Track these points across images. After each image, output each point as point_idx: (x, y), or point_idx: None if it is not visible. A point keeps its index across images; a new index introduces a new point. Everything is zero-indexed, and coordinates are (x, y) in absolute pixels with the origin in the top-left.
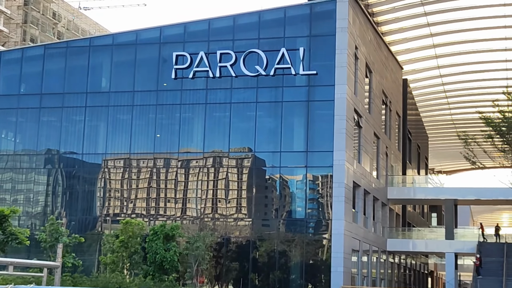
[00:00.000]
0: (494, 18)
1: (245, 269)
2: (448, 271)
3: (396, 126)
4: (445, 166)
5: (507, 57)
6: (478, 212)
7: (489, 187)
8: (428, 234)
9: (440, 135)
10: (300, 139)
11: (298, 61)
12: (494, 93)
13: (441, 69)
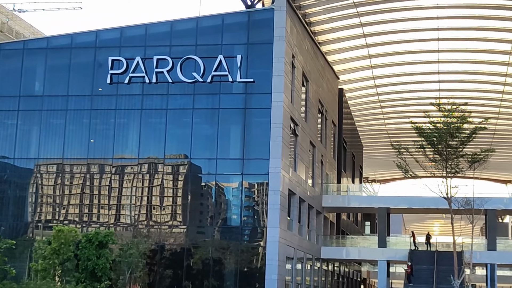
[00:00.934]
0: (427, 30)
1: (179, 276)
2: (380, 279)
3: (331, 135)
4: (379, 175)
5: (440, 69)
6: (410, 220)
7: (420, 196)
8: (361, 242)
9: (374, 145)
10: (236, 147)
11: (236, 68)
12: (426, 104)
13: (376, 80)
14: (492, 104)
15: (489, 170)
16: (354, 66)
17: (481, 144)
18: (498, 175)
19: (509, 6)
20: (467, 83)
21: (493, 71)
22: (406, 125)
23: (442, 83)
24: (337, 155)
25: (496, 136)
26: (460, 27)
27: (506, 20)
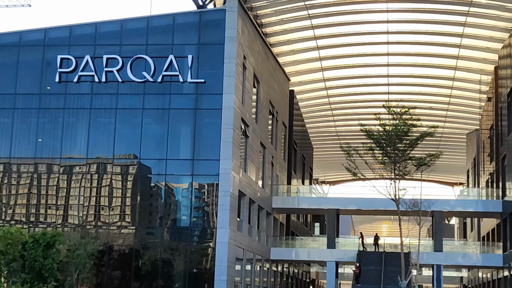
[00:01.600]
0: (377, 34)
1: (128, 277)
2: (329, 279)
3: (282, 136)
4: (329, 177)
5: (389, 72)
6: (359, 221)
7: (369, 198)
8: (310, 243)
9: (324, 146)
10: (186, 147)
11: (187, 68)
12: (376, 107)
13: (327, 82)
14: (440, 108)
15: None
16: (305, 68)
17: (429, 147)
18: (445, 177)
19: (457, 11)
20: (416, 86)
21: (441, 75)
22: (356, 127)
23: (391, 86)
24: (288, 157)
25: (443, 139)
26: (409, 31)
27: (454, 25)
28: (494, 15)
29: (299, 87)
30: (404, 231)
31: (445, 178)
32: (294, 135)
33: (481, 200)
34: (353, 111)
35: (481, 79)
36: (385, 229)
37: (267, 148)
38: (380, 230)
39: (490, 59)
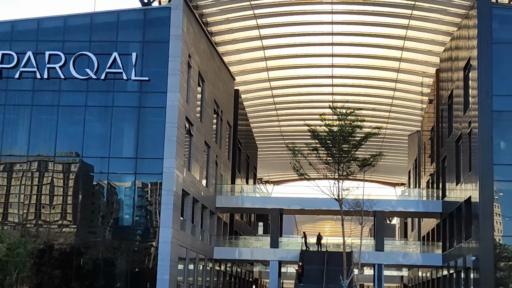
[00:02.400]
0: (322, 35)
1: (68, 277)
2: (271, 279)
3: (226, 135)
4: (273, 176)
5: (333, 73)
6: (302, 221)
7: (313, 198)
8: (254, 242)
9: (269, 146)
10: (130, 146)
11: (130, 66)
12: (320, 107)
13: (272, 82)
14: (383, 109)
15: (379, 173)
16: (250, 67)
17: (372, 148)
18: (387, 178)
19: (400, 14)
20: (359, 87)
21: (384, 77)
22: (300, 127)
23: (336, 87)
24: (232, 156)
25: (386, 140)
26: (353, 33)
27: (397, 28)
28: (436, 19)
29: (244, 87)
30: (346, 231)
31: (387, 179)
32: (238, 135)
33: (421, 201)
34: (298, 111)
35: (423, 81)
36: (328, 228)
37: (212, 147)
38: (323, 230)
39: (432, 62)
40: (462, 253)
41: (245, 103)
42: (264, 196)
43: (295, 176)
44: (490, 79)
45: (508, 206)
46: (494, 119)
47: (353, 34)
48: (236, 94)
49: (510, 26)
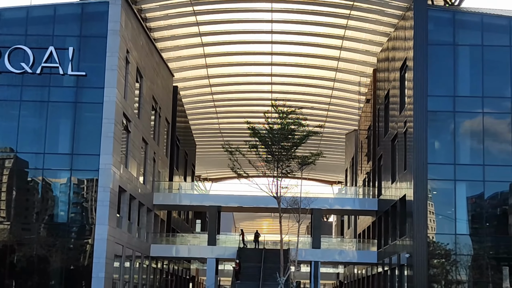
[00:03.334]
0: (261, 33)
1: (2, 274)
2: (209, 276)
3: (165, 132)
4: (211, 173)
5: (273, 71)
6: (240, 219)
7: (251, 195)
8: (191, 240)
9: (207, 143)
10: (66, 142)
11: (67, 61)
12: (259, 105)
13: (211, 79)
14: (321, 108)
15: (317, 171)
16: (189, 64)
17: (310, 146)
18: (325, 176)
19: (339, 14)
20: (298, 86)
21: (322, 76)
22: (239, 124)
23: (275, 85)
24: (170, 153)
25: (324, 138)
26: (292, 31)
27: (336, 27)
28: (374, 19)
29: (183, 83)
30: (284, 228)
31: (325, 177)
32: (177, 132)
33: (358, 199)
34: (237, 109)
35: (361, 81)
36: (266, 226)
37: (149, 144)
38: (261, 228)
39: (369, 62)
40: (397, 251)
41: (184, 100)
42: (202, 193)
43: (234, 173)
44: (425, 79)
45: (441, 204)
46: (429, 119)
47: (292, 33)
48: (174, 91)
49: (446, 28)
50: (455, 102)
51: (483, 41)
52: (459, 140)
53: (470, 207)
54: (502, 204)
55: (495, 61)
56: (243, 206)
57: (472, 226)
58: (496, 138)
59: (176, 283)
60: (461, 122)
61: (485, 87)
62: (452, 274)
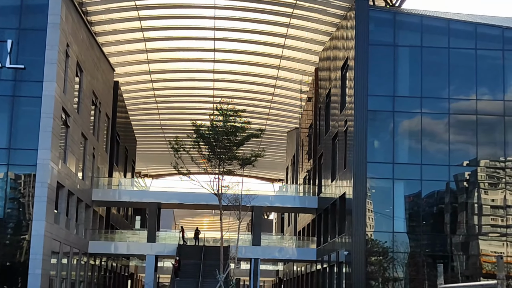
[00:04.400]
0: (204, 29)
1: None
2: (147, 273)
3: (105, 127)
4: (152, 170)
5: (215, 68)
6: (181, 216)
7: (192, 192)
8: (130, 236)
9: (148, 139)
10: (2, 136)
11: (5, 53)
12: (201, 102)
13: (153, 75)
14: (263, 105)
15: (258, 168)
16: (131, 59)
17: (252, 143)
18: (266, 173)
19: (282, 12)
20: (241, 83)
21: (265, 74)
22: (181, 121)
23: (217, 82)
24: (110, 149)
25: (265, 136)
26: (235, 29)
27: (279, 26)
28: (316, 19)
29: (124, 78)
30: (224, 226)
31: (266, 174)
32: (117, 127)
33: (298, 196)
34: (178, 105)
35: (303, 79)
36: (207, 223)
37: (89, 139)
38: (202, 225)
39: (311, 61)
40: (336, 248)
41: (125, 95)
42: (142, 190)
43: (175, 170)
44: (365, 79)
45: (380, 202)
46: (369, 118)
47: (235, 30)
48: (115, 86)
49: (386, 28)
50: (395, 102)
51: (422, 42)
52: (398, 140)
53: (407, 205)
54: (439, 203)
55: (434, 62)
56: (184, 203)
57: (410, 224)
58: (433, 138)
59: (115, 280)
60: (400, 122)
61: (424, 88)
62: (389, 271)
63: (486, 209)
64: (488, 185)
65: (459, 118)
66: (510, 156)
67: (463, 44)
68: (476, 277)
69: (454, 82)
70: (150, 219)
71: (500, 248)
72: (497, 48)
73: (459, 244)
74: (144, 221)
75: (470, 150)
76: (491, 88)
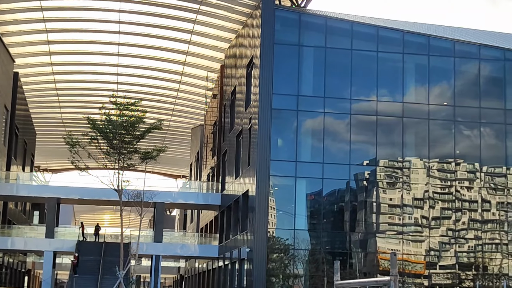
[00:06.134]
0: (109, 22)
1: None
2: (45, 270)
3: (3, 120)
4: (52, 164)
5: (119, 62)
6: (81, 211)
7: (92, 188)
8: (28, 232)
9: (48, 133)
10: None
11: None
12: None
13: (54, 67)
14: (168, 101)
15: (162, 164)
16: (32, 50)
17: (155, 139)
18: (169, 170)
19: (188, 8)
20: (145, 78)
21: (170, 69)
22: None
23: (121, 76)
24: (8, 142)
25: (170, 132)
26: (141, 23)
27: (185, 21)
28: (223, 16)
29: (24, 70)
30: (125, 222)
31: (169, 171)
32: (16, 120)
33: (201, 193)
34: (81, 99)
35: (208, 76)
36: (107, 219)
37: None
38: (102, 221)
39: (217, 58)
40: (238, 245)
41: (25, 87)
42: (41, 184)
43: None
44: (270, 78)
45: (282, 200)
46: (273, 116)
47: (141, 25)
48: (15, 77)
49: (291, 28)
50: (299, 101)
51: (326, 43)
52: (301, 138)
53: (309, 203)
54: (339, 201)
55: (337, 63)
56: (84, 199)
57: (311, 222)
58: (335, 138)
59: (11, 277)
60: (303, 121)
61: (327, 88)
62: (290, 268)
63: (384, 207)
64: (386, 184)
65: (360, 118)
66: (407, 157)
67: (365, 46)
68: (373, 273)
69: (356, 83)
70: (48, 214)
71: (396, 246)
72: (398, 52)
73: (358, 241)
74: (42, 216)
75: (370, 150)
76: (391, 90)
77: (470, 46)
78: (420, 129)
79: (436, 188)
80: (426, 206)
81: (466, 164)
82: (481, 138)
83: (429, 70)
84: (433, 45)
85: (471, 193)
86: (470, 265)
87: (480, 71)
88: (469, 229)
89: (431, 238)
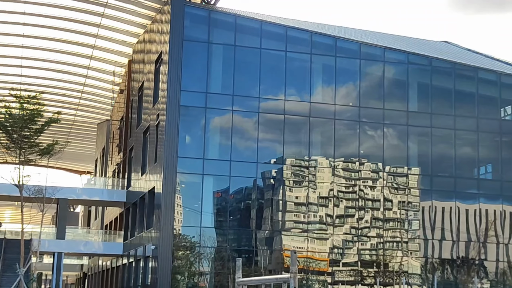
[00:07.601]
0: (13, 13)
1: None
2: None
3: None
4: None
5: (23, 55)
6: None
7: None
8: None
9: None
10: None
11: None
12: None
13: None
14: (73, 96)
15: (66, 160)
16: None
17: (60, 134)
18: (74, 165)
19: (96, 1)
20: (50, 71)
21: (76, 63)
22: None
23: (25, 68)
24: None
25: (74, 127)
26: (46, 15)
27: (92, 15)
28: (132, 10)
29: None
30: (27, 218)
31: (74, 166)
32: None
33: (106, 190)
34: None
35: (115, 71)
36: (8, 215)
37: None
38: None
39: (125, 53)
40: (143, 242)
41: None
42: None
43: None
44: (179, 74)
45: (189, 197)
46: (181, 113)
47: (47, 16)
48: None
49: (201, 25)
50: (207, 98)
51: (235, 41)
52: (209, 136)
53: (216, 200)
54: (246, 199)
55: (246, 62)
56: None
57: (217, 219)
58: (243, 136)
59: None
60: (211, 118)
61: (236, 86)
62: (196, 266)
63: (290, 205)
64: (292, 182)
65: (268, 117)
66: (314, 156)
67: (274, 45)
68: (278, 271)
69: (264, 82)
70: None
71: (301, 243)
72: (306, 52)
73: (263, 239)
74: None
75: (277, 148)
76: (299, 90)
77: (375, 49)
78: (326, 129)
79: (340, 187)
80: (330, 205)
81: (369, 163)
82: (384, 139)
83: (336, 71)
84: (340, 47)
85: (374, 192)
86: (372, 263)
87: (384, 73)
88: (372, 227)
89: (335, 236)
